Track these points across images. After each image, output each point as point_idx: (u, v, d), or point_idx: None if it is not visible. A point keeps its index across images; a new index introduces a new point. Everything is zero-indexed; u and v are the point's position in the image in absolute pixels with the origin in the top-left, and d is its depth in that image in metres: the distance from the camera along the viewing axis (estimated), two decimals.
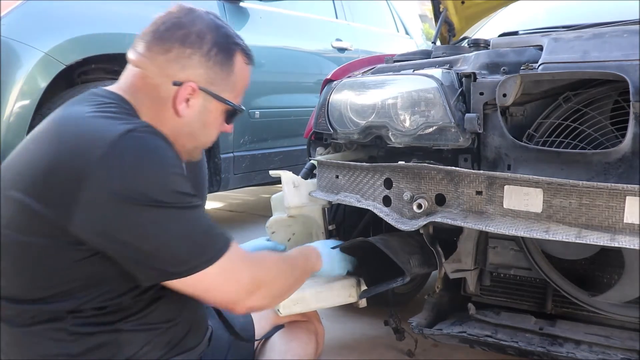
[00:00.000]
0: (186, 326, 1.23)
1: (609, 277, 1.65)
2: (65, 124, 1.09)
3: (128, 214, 1.00)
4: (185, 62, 1.18)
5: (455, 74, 1.57)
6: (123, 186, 0.99)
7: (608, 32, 1.55)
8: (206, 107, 1.24)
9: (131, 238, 1.02)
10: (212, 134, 1.30)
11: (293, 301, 1.53)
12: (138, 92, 1.19)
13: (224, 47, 1.23)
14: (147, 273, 1.07)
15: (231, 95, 1.27)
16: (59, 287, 1.05)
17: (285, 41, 3.66)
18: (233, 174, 3.24)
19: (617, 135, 1.42)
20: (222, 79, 1.24)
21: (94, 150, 1.00)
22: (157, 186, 1.03)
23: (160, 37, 1.18)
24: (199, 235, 1.09)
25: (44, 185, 1.01)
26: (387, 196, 1.53)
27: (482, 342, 1.61)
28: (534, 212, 1.31)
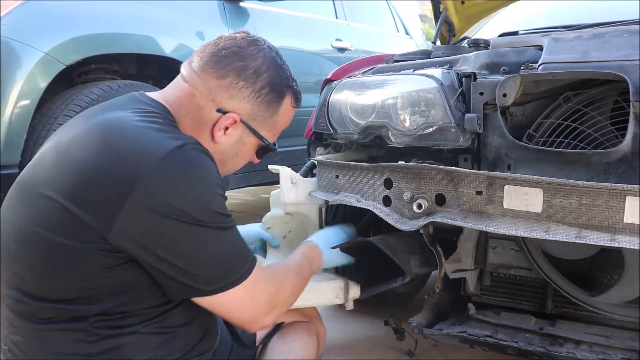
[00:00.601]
0: (202, 331, 1.23)
1: (609, 277, 1.65)
2: (112, 131, 1.08)
3: (167, 228, 1.02)
4: (235, 93, 1.21)
5: (455, 74, 1.57)
6: (167, 201, 1.01)
7: (608, 32, 1.55)
8: (242, 139, 1.27)
9: (166, 252, 1.03)
10: (239, 164, 1.34)
11: None
12: (182, 108, 1.20)
13: (276, 88, 1.26)
14: (176, 288, 1.08)
15: (269, 134, 1.31)
16: (88, 291, 1.05)
17: (285, 41, 3.65)
18: (233, 174, 3.23)
19: (617, 135, 1.41)
20: (265, 118, 1.27)
21: (145, 163, 1.01)
22: (200, 205, 1.05)
23: (218, 61, 1.20)
24: (231, 256, 1.12)
25: (88, 192, 1.02)
26: (387, 196, 1.53)
27: (482, 342, 1.61)
28: (534, 212, 1.31)
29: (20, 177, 1.15)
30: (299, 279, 1.36)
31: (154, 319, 1.12)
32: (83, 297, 1.05)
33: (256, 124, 1.26)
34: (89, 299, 1.05)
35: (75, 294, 1.05)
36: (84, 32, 2.46)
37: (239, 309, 1.16)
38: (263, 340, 1.54)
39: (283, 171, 1.77)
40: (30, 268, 1.06)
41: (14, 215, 1.10)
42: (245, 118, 1.24)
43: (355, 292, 1.66)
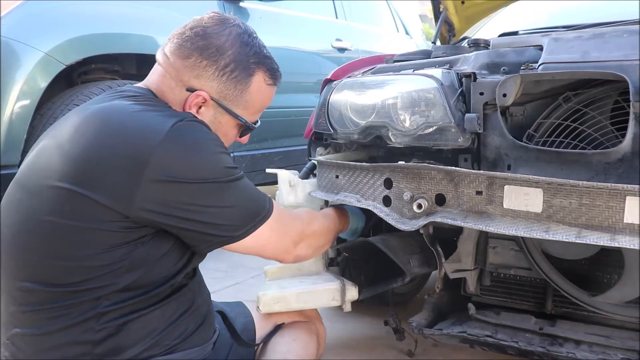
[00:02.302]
0: (199, 319, 1.27)
1: (609, 277, 1.65)
2: (111, 116, 1.14)
3: (186, 193, 1.11)
4: (200, 72, 1.24)
5: (455, 74, 1.57)
6: (179, 169, 1.09)
7: (608, 32, 1.55)
8: (217, 118, 1.30)
9: (190, 213, 1.12)
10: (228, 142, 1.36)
11: (274, 299, 1.55)
12: (161, 91, 1.27)
13: (242, 65, 1.27)
14: (209, 240, 1.18)
15: (245, 112, 1.33)
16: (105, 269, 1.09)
17: (285, 41, 3.66)
18: None
19: (617, 135, 1.41)
20: (235, 95, 1.29)
21: (152, 139, 1.08)
22: (209, 166, 1.14)
23: (183, 42, 1.24)
24: (250, 201, 1.23)
25: (99, 175, 1.07)
26: (387, 196, 1.53)
27: (482, 342, 1.61)
28: (534, 212, 1.31)
29: (20, 175, 1.19)
30: (327, 221, 1.53)
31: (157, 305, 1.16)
32: (99, 277, 1.09)
33: (228, 102, 1.29)
34: (104, 278, 1.09)
35: (93, 273, 1.09)
36: (84, 32, 2.47)
37: (271, 245, 1.28)
38: (263, 340, 1.54)
39: (281, 174, 1.78)
40: (47, 255, 1.09)
41: (20, 209, 1.13)
42: (215, 96, 1.27)
43: (352, 294, 1.65)
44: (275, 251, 1.32)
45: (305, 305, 1.60)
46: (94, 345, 1.09)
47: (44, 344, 1.10)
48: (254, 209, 1.23)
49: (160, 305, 1.17)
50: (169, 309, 1.19)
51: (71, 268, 1.09)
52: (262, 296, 1.55)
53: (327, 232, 1.51)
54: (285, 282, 1.66)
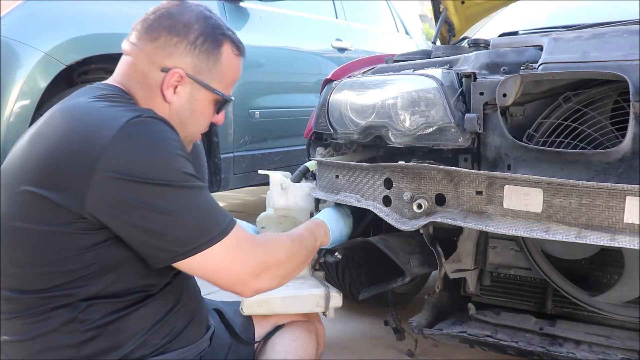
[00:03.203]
0: (187, 316, 1.25)
1: (609, 277, 1.65)
2: (69, 114, 1.12)
3: (135, 194, 1.04)
4: (172, 50, 1.22)
5: (455, 74, 1.57)
6: (130, 167, 1.04)
7: (608, 32, 1.55)
8: (194, 96, 1.27)
9: (138, 218, 1.05)
10: (201, 124, 1.33)
11: (258, 302, 1.53)
12: (131, 82, 1.24)
13: (211, 37, 1.26)
14: (154, 255, 1.10)
15: (220, 85, 1.30)
16: (74, 274, 1.07)
17: (285, 41, 3.66)
18: (233, 174, 3.24)
19: (617, 135, 1.42)
20: (209, 68, 1.26)
21: (104, 136, 1.04)
22: (163, 166, 1.07)
23: (149, 26, 1.24)
24: (203, 215, 1.12)
25: (56, 175, 1.05)
26: (387, 196, 1.53)
27: (482, 342, 1.61)
28: (534, 212, 1.31)
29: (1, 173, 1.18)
30: (297, 245, 1.35)
31: (140, 303, 1.14)
32: (71, 282, 1.07)
33: (203, 76, 1.26)
34: (76, 282, 1.07)
35: (63, 279, 1.07)
36: (84, 32, 2.47)
37: (224, 272, 1.16)
38: (262, 340, 1.54)
39: (273, 176, 1.77)
40: (15, 262, 1.09)
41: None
42: (190, 72, 1.24)
43: (336, 302, 1.63)
44: (229, 280, 1.18)
45: (289, 309, 1.58)
46: (79, 347, 1.09)
47: (31, 349, 1.09)
48: (206, 225, 1.12)
49: (144, 305, 1.15)
50: (153, 308, 1.16)
51: (42, 274, 1.07)
52: (245, 299, 1.53)
53: (297, 259, 1.35)
54: None
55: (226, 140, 3.13)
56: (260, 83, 3.41)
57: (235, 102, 3.14)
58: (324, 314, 1.64)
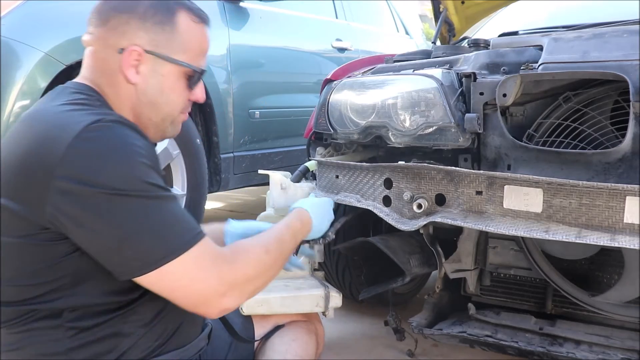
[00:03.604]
0: (178, 318, 1.22)
1: (609, 277, 1.65)
2: (34, 121, 1.08)
3: (92, 203, 0.99)
4: (124, 29, 1.17)
5: (455, 74, 1.57)
6: (88, 175, 0.98)
7: (608, 32, 1.55)
8: (158, 71, 1.19)
9: (95, 228, 1.00)
10: (175, 101, 1.23)
11: (257, 302, 1.53)
12: (94, 72, 1.21)
13: (162, 6, 1.19)
14: (114, 269, 1.03)
15: (185, 57, 1.21)
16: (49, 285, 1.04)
17: (285, 41, 3.66)
18: (233, 174, 3.23)
19: (617, 135, 1.42)
20: (167, 39, 1.19)
21: (62, 141, 0.99)
22: (120, 174, 1.00)
23: (99, 11, 1.20)
24: (164, 228, 1.04)
25: (18, 184, 1.02)
26: (387, 196, 1.53)
27: (482, 342, 1.61)
28: (534, 212, 1.31)
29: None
30: (272, 256, 1.22)
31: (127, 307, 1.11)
32: (47, 293, 1.05)
33: (163, 49, 1.18)
34: (53, 294, 1.05)
35: (40, 290, 1.05)
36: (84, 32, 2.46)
37: (183, 290, 1.06)
38: (262, 340, 1.54)
39: (273, 176, 1.77)
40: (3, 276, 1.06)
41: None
42: (148, 47, 1.17)
43: (336, 302, 1.63)
44: (191, 300, 1.08)
45: (288, 309, 1.58)
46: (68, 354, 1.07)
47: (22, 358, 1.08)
48: (165, 238, 1.03)
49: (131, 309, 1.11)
50: (142, 311, 1.13)
51: (18, 287, 1.05)
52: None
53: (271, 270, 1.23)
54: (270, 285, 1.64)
55: (226, 140, 3.13)
56: (260, 83, 3.40)
57: (235, 102, 3.14)
58: (324, 314, 1.64)
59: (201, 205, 3.01)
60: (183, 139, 2.81)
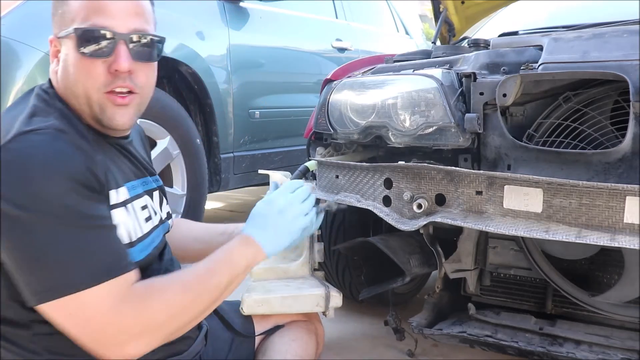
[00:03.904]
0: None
1: (609, 277, 1.65)
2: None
3: (5, 221, 0.92)
4: (54, 22, 1.18)
5: (455, 74, 1.57)
6: (3, 191, 0.92)
7: (608, 32, 1.55)
8: (63, 53, 1.13)
9: (8, 248, 0.94)
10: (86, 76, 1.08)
11: (257, 302, 1.52)
12: (52, 74, 1.19)
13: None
14: (22, 291, 0.96)
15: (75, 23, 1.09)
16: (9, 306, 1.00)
17: (285, 41, 3.66)
18: (233, 174, 3.24)
19: (617, 135, 1.42)
20: (61, 15, 1.14)
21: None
22: (34, 193, 0.92)
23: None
24: (71, 257, 0.95)
25: None
26: (387, 196, 1.53)
27: (482, 342, 1.61)
28: (534, 212, 1.31)
29: None
30: (191, 295, 1.08)
31: None
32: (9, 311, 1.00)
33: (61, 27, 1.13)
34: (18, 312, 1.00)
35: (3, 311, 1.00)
36: None
37: (76, 330, 0.96)
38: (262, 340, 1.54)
39: (273, 176, 1.76)
40: None
41: None
42: (57, 32, 1.15)
43: (336, 302, 1.63)
44: (85, 341, 0.98)
45: (289, 309, 1.58)
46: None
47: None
48: (64, 271, 0.94)
49: None
50: None
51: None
52: (246, 298, 1.53)
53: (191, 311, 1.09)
54: (270, 285, 1.63)
55: (226, 141, 3.14)
56: (260, 83, 3.41)
57: (235, 102, 3.14)
58: (324, 314, 1.64)
59: (201, 205, 3.01)
60: (183, 139, 2.81)
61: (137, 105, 1.15)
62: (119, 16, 1.09)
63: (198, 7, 3.01)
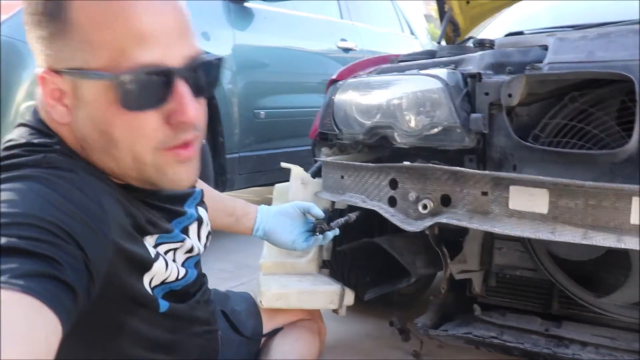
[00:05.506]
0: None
1: (616, 279, 1.64)
2: None
3: None
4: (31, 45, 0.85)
5: (460, 74, 1.57)
6: None
7: (613, 32, 1.54)
8: (81, 95, 0.80)
9: None
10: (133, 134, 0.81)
11: (276, 296, 1.54)
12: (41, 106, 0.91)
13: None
14: None
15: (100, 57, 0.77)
16: None
17: (290, 41, 3.66)
18: (238, 174, 3.24)
19: (623, 135, 1.41)
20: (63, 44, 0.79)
21: None
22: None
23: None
24: None
25: None
26: (392, 197, 1.52)
27: (488, 344, 1.60)
28: (539, 212, 1.30)
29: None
30: None
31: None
32: None
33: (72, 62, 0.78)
34: None
35: None
36: None
37: None
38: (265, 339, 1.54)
39: (295, 170, 1.77)
40: None
41: None
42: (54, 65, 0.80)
43: (349, 299, 1.65)
44: None
45: (304, 304, 1.59)
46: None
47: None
48: None
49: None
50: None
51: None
52: (265, 291, 1.54)
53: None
54: (285, 280, 1.66)
55: (232, 141, 3.13)
56: (265, 83, 3.41)
57: (240, 102, 3.14)
58: (336, 312, 1.65)
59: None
60: None
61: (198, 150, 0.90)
62: (167, 40, 0.79)
63: (203, 7, 3.01)
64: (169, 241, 1.01)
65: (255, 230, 1.48)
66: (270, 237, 1.49)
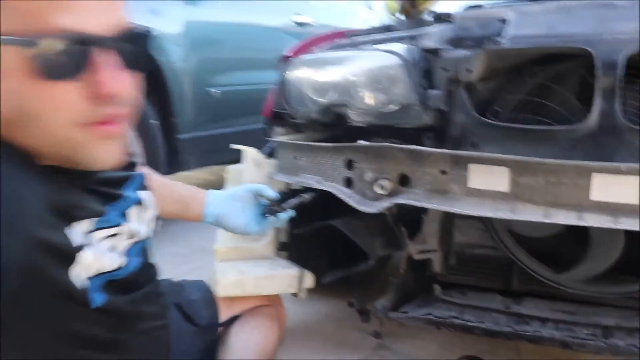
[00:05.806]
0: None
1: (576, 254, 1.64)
2: None
3: None
4: None
5: (418, 49, 1.52)
6: None
7: (574, 6, 1.52)
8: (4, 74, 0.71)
9: None
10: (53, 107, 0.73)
11: (233, 284, 1.50)
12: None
13: None
14: None
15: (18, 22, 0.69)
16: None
17: (244, 16, 3.57)
18: (193, 154, 3.16)
19: (583, 111, 1.39)
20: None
21: None
22: None
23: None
24: None
25: None
26: (348, 177, 1.48)
27: (449, 324, 1.59)
28: (500, 191, 1.28)
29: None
30: None
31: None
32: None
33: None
34: None
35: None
36: None
37: None
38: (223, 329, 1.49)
39: (247, 151, 1.72)
40: None
41: None
42: None
43: (308, 282, 1.62)
44: None
45: (261, 290, 1.55)
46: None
47: None
48: None
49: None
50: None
51: None
52: (221, 279, 1.50)
53: None
54: (242, 266, 1.61)
55: (184, 120, 3.05)
56: (219, 60, 3.33)
57: (193, 80, 3.04)
58: (296, 295, 1.61)
59: None
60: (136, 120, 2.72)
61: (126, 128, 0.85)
62: (90, 6, 0.73)
63: None
64: (105, 226, 0.94)
65: (205, 216, 1.41)
66: (222, 223, 1.42)
